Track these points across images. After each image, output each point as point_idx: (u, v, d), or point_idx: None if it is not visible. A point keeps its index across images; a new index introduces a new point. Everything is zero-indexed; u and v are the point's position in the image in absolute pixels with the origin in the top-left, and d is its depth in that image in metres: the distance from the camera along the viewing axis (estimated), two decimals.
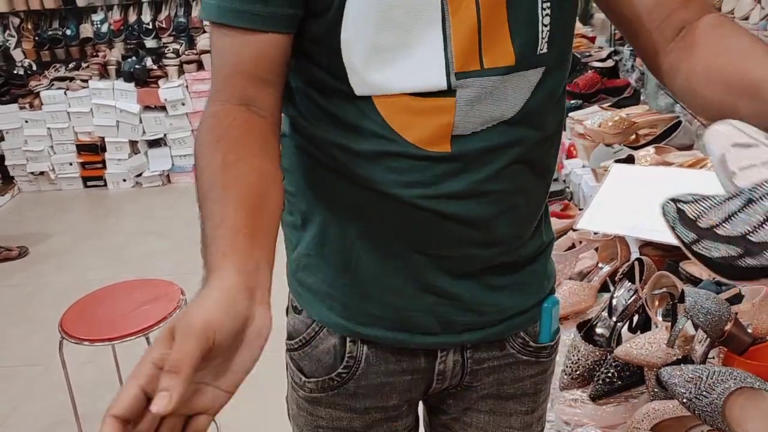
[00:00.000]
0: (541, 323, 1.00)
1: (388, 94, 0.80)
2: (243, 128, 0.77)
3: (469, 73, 0.80)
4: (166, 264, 3.60)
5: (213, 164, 0.73)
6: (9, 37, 4.74)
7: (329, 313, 0.94)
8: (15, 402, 2.66)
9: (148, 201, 4.46)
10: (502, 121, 0.82)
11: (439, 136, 0.81)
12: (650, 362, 1.23)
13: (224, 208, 0.69)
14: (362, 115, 0.81)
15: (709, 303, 1.16)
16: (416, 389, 1.00)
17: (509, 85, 0.81)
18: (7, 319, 3.25)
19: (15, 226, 4.20)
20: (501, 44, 0.79)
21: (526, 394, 1.05)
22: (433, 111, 0.80)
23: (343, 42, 0.78)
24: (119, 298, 2.18)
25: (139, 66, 4.45)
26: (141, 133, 4.54)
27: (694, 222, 0.61)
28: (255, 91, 0.79)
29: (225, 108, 0.78)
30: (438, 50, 0.78)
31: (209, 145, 0.76)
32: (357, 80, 0.80)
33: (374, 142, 0.82)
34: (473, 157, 0.82)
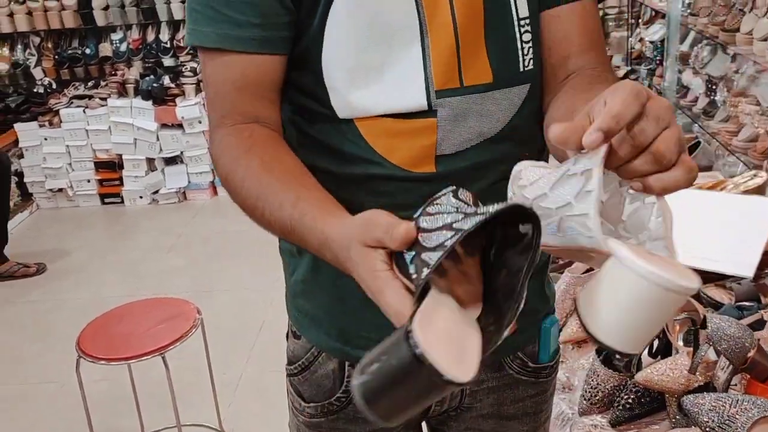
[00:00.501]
0: (540, 343, 1.00)
1: (369, 116, 0.81)
2: (263, 137, 0.79)
3: (449, 91, 0.81)
4: (182, 281, 3.61)
5: (253, 169, 0.75)
6: (30, 55, 4.81)
7: (326, 338, 0.95)
8: (32, 419, 2.67)
9: (164, 218, 4.49)
10: (486, 138, 0.83)
11: (424, 157, 0.83)
12: (671, 389, 1.22)
13: (291, 191, 0.71)
14: (346, 139, 0.83)
15: (732, 329, 1.15)
16: None
17: (490, 102, 0.82)
18: (25, 335, 3.27)
19: (33, 243, 4.23)
20: (479, 62, 0.81)
21: (526, 414, 1.05)
22: (416, 132, 0.82)
23: (324, 62, 0.80)
24: (135, 317, 2.19)
25: (157, 84, 4.50)
26: (158, 150, 4.58)
27: None
28: (262, 110, 0.81)
29: (238, 128, 0.79)
30: (418, 70, 0.79)
31: (240, 159, 0.77)
32: (339, 102, 0.81)
33: (360, 166, 0.83)
34: (459, 176, 0.82)
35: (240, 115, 0.80)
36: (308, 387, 0.98)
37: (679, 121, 2.98)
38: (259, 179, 0.74)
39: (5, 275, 3.74)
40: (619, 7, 4.47)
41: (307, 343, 0.97)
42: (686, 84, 2.98)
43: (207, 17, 0.79)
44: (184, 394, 2.43)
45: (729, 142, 2.46)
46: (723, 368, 1.14)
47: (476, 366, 0.54)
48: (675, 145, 0.56)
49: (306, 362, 0.97)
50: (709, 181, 1.94)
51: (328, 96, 0.81)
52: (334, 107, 0.82)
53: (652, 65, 3.44)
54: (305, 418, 1.00)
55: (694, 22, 2.74)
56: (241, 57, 0.79)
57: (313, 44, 0.80)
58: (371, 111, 0.81)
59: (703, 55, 2.82)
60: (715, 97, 2.69)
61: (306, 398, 0.99)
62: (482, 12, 0.80)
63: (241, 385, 2.74)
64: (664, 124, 0.56)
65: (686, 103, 2.95)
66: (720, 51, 2.70)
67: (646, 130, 0.55)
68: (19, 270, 3.77)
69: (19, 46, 4.81)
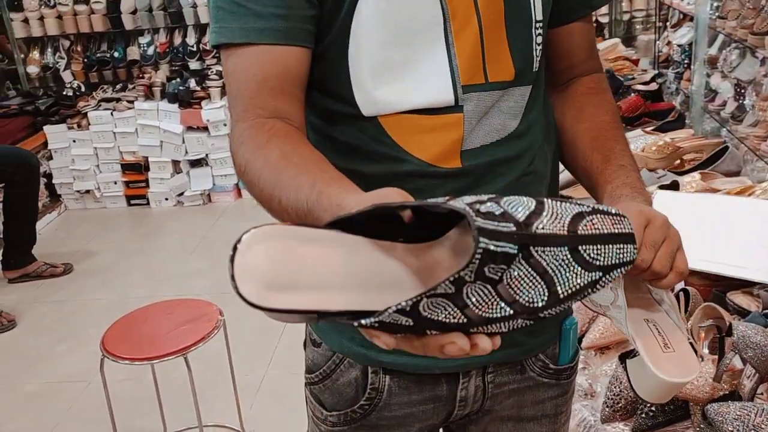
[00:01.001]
0: (561, 345, 1.00)
1: (395, 113, 0.82)
2: (284, 131, 0.78)
3: (475, 87, 0.83)
4: (206, 282, 3.64)
5: (272, 160, 0.74)
6: (59, 59, 4.88)
7: (350, 344, 0.94)
8: (58, 418, 2.70)
9: (189, 220, 4.53)
10: (508, 134, 0.86)
11: (450, 152, 0.84)
12: (696, 397, 1.19)
13: (309, 175, 0.70)
14: (371, 138, 0.84)
15: (758, 337, 1.13)
16: (437, 416, 1.00)
17: (509, 99, 0.85)
18: (52, 335, 3.31)
19: (61, 243, 4.29)
20: (502, 59, 0.84)
21: (546, 416, 1.04)
22: (443, 127, 0.83)
23: (350, 59, 0.80)
24: (159, 318, 2.21)
25: (183, 87, 4.54)
26: (183, 153, 4.62)
27: None
28: (283, 105, 0.80)
29: (258, 121, 0.79)
30: (444, 65, 0.81)
31: (259, 151, 0.76)
32: (364, 99, 0.82)
33: (385, 164, 0.84)
34: (484, 170, 0.85)
35: (261, 109, 0.79)
36: (330, 395, 0.97)
37: (707, 126, 2.94)
38: (276, 168, 0.73)
39: (33, 275, 3.80)
40: (647, 10, 4.43)
41: (328, 351, 0.96)
42: (714, 88, 2.93)
43: (231, 13, 0.79)
44: (206, 395, 2.44)
45: (757, 146, 2.42)
46: (749, 377, 1.12)
47: None
48: (668, 261, 0.73)
49: (327, 370, 0.97)
50: (737, 186, 1.91)
51: (353, 94, 0.82)
52: (359, 104, 0.82)
53: (680, 69, 3.40)
54: (327, 427, 0.99)
55: (722, 25, 2.70)
56: (264, 49, 0.79)
57: (339, 41, 0.80)
58: (397, 107, 0.82)
59: (731, 58, 2.77)
60: (743, 101, 2.65)
61: (328, 407, 0.98)
62: (503, 10, 0.83)
63: (263, 387, 2.75)
64: (658, 246, 0.72)
65: (714, 108, 2.91)
66: (749, 54, 2.66)
67: (646, 259, 0.72)
68: (46, 270, 3.82)
69: (49, 49, 4.89)
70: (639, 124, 2.76)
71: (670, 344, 0.79)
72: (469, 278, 0.52)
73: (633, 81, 3.13)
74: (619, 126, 0.93)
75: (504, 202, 0.56)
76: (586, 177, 0.90)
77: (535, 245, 0.54)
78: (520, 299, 0.55)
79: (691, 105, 3.05)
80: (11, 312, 3.46)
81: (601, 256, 0.57)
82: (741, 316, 1.40)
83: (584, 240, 0.56)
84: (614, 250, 0.57)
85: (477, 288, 0.53)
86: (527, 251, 0.54)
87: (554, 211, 0.56)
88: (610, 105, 0.95)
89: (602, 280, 0.58)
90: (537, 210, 0.56)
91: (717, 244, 1.57)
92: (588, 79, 0.96)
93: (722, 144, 2.28)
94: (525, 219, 0.55)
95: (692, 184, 1.96)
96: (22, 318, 3.46)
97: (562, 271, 0.56)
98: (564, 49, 0.95)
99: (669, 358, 0.78)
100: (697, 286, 1.51)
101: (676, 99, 3.30)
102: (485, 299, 0.54)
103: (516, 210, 0.55)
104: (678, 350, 0.79)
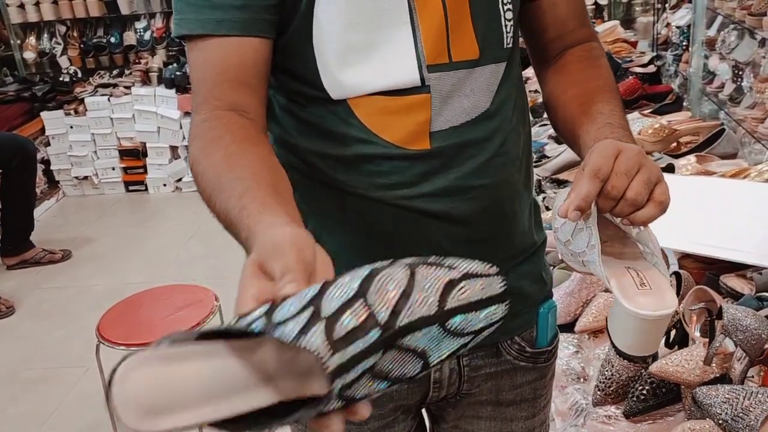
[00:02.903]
0: (538, 328, 1.00)
1: (362, 95, 0.82)
2: (236, 126, 0.78)
3: (440, 66, 0.83)
4: (203, 268, 3.64)
5: (215, 159, 0.73)
6: (55, 44, 4.86)
7: None
8: (56, 403, 2.72)
9: (187, 205, 4.52)
10: (478, 114, 0.85)
11: (418, 133, 0.84)
12: (686, 380, 1.20)
13: (242, 182, 0.69)
14: (341, 120, 0.83)
15: (748, 320, 1.12)
16: (412, 397, 1.00)
17: (477, 78, 0.85)
18: (51, 320, 3.32)
19: (59, 230, 4.29)
20: (466, 38, 0.83)
21: (525, 400, 1.04)
22: (410, 109, 0.83)
23: (315, 44, 0.80)
24: (155, 303, 2.21)
25: (180, 73, 4.52)
26: (181, 138, 4.60)
27: None
28: (241, 97, 0.80)
29: (214, 114, 0.79)
30: (409, 46, 0.81)
31: (207, 147, 0.76)
32: (330, 82, 0.82)
33: (355, 146, 0.84)
34: (453, 152, 0.85)
35: (218, 101, 0.79)
36: None
37: (705, 108, 2.93)
38: (217, 170, 0.72)
39: (31, 261, 3.80)
40: None
41: None
42: (712, 70, 2.91)
43: (189, 5, 0.79)
44: None
45: (755, 129, 2.41)
46: (739, 359, 1.12)
47: None
48: (643, 188, 0.71)
49: None
50: (732, 169, 1.90)
51: (320, 78, 0.82)
52: (327, 88, 0.82)
53: (679, 51, 3.37)
54: None
55: (721, 5, 2.68)
56: (222, 41, 0.79)
57: (302, 27, 0.80)
58: (363, 89, 0.82)
59: (730, 40, 2.75)
60: (741, 83, 2.63)
61: None
62: None
63: None
64: (632, 174, 0.71)
65: (712, 90, 2.89)
66: (747, 36, 2.64)
67: (617, 185, 0.71)
68: (45, 256, 3.83)
69: (46, 35, 4.87)
70: (636, 107, 2.74)
71: (646, 282, 0.75)
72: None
73: (631, 63, 3.11)
74: (612, 89, 0.89)
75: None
76: (577, 144, 0.87)
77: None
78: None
79: (689, 87, 3.03)
80: (10, 298, 3.47)
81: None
82: (734, 299, 1.40)
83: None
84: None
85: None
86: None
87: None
88: (602, 69, 0.92)
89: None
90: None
91: (711, 227, 1.56)
92: (579, 48, 0.94)
93: (719, 126, 2.27)
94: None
95: (688, 166, 1.96)
96: (21, 304, 3.47)
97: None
98: (549, 20, 0.93)
99: (644, 294, 0.74)
100: (690, 269, 1.50)
101: (675, 81, 3.28)
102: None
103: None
104: (654, 287, 0.75)
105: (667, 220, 1.77)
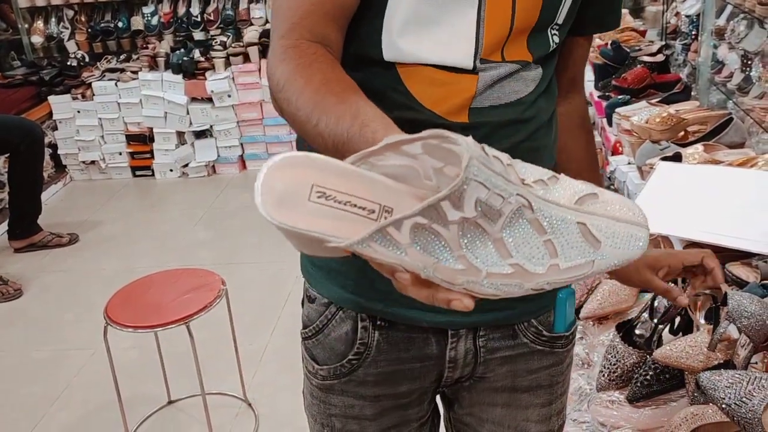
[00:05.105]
0: (556, 313, 1.00)
1: (413, 63, 0.85)
2: (329, 58, 0.79)
3: (492, 61, 0.87)
4: (210, 253, 3.66)
5: (312, 81, 0.75)
6: (63, 29, 4.86)
7: (341, 291, 0.96)
8: (65, 384, 2.74)
9: (193, 191, 4.54)
10: (518, 98, 0.90)
11: (459, 107, 0.87)
12: (690, 366, 1.20)
13: (352, 105, 0.71)
14: (387, 83, 0.86)
15: (753, 306, 1.13)
16: (427, 377, 1.01)
17: (522, 74, 0.90)
18: (58, 303, 3.35)
19: (66, 214, 4.32)
20: (520, 49, 0.89)
21: (541, 387, 1.05)
22: (456, 85, 0.86)
23: (389, 5, 0.83)
24: (162, 287, 2.23)
25: (187, 58, 4.52)
26: (188, 124, 4.62)
27: None
28: (330, 31, 0.81)
29: (303, 43, 0.79)
30: (470, 32, 0.84)
31: (301, 69, 0.76)
32: (388, 43, 0.85)
33: (398, 110, 0.84)
34: (489, 129, 0.88)
35: (309, 32, 0.80)
36: (321, 350, 1.00)
37: (713, 98, 2.92)
38: (318, 91, 0.73)
39: (39, 245, 3.83)
40: None
41: (321, 307, 0.99)
42: (721, 59, 2.90)
43: None
44: (211, 364, 2.47)
45: (763, 118, 2.40)
46: (743, 346, 1.13)
47: None
48: None
49: (320, 324, 0.99)
50: (739, 157, 1.90)
51: (381, 35, 0.84)
52: (383, 49, 0.85)
53: (687, 40, 3.35)
54: (318, 380, 1.01)
55: None
56: None
57: None
58: (416, 58, 0.85)
59: (739, 29, 2.73)
60: (750, 72, 2.62)
61: (319, 361, 1.00)
62: (539, 12, 0.86)
63: (266, 355, 2.78)
64: None
65: (721, 79, 2.87)
66: (756, 25, 2.62)
67: None
68: (52, 240, 3.85)
69: (53, 19, 4.87)
70: (645, 96, 2.74)
71: None
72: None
73: (639, 52, 3.10)
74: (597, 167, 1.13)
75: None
76: None
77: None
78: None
79: (698, 77, 3.02)
80: (17, 281, 3.50)
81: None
82: (739, 287, 1.40)
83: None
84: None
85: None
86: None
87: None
88: (593, 145, 1.12)
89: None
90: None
91: (716, 215, 1.57)
92: (582, 109, 1.10)
93: (727, 116, 2.27)
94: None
95: (695, 155, 1.96)
96: (29, 287, 3.50)
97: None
98: (568, 60, 1.02)
99: None
100: None
101: (684, 71, 3.27)
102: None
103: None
104: None
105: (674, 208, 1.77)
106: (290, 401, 2.08)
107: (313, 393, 1.04)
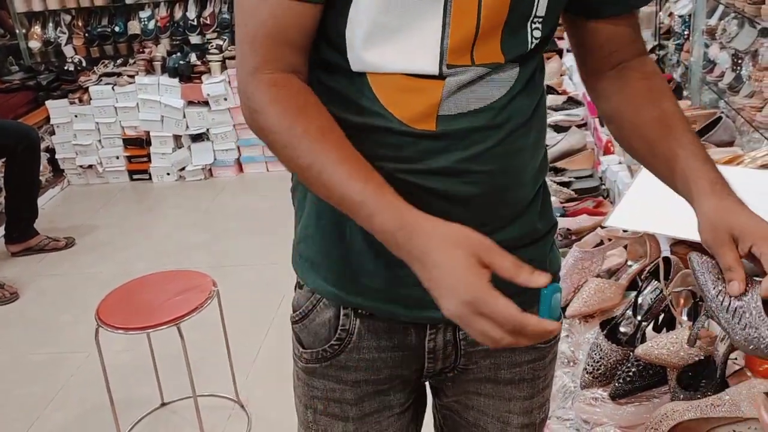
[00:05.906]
0: (539, 309, 1.00)
1: (381, 72, 0.85)
2: (309, 94, 0.85)
3: (460, 66, 0.85)
4: (206, 256, 3.67)
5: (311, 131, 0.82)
6: (60, 33, 4.88)
7: (323, 283, 0.98)
8: (60, 386, 2.75)
9: (190, 194, 4.55)
10: (486, 104, 0.87)
11: (425, 115, 0.86)
12: (670, 362, 1.21)
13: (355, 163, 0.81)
14: (357, 90, 0.87)
15: None
16: (407, 366, 1.02)
17: (494, 76, 0.87)
18: (55, 306, 3.36)
19: (64, 218, 4.33)
20: (491, 46, 0.86)
21: (523, 380, 1.06)
22: (422, 90, 0.85)
23: (350, 19, 0.83)
24: (153, 289, 2.24)
25: (184, 62, 4.54)
26: (184, 127, 4.63)
27: None
28: (298, 60, 0.85)
29: (280, 77, 0.84)
30: (435, 38, 0.83)
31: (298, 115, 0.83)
32: (354, 57, 0.85)
33: (366, 117, 0.87)
34: (458, 136, 0.87)
35: (283, 63, 0.84)
36: (307, 334, 1.02)
37: (705, 97, 2.92)
38: (319, 141, 0.81)
39: (35, 249, 3.84)
40: None
41: (308, 292, 1.01)
42: (713, 59, 2.91)
43: None
44: (204, 366, 2.48)
45: (753, 117, 2.40)
46: (722, 340, 1.13)
47: None
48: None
49: (306, 310, 1.01)
50: (726, 155, 1.90)
51: (346, 50, 0.86)
52: (349, 60, 0.86)
53: (680, 40, 3.36)
54: (303, 363, 1.04)
55: None
56: (284, 2, 0.82)
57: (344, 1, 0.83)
58: (382, 68, 0.85)
59: (730, 28, 2.74)
60: (740, 71, 2.63)
61: (304, 345, 1.03)
62: (507, 9, 0.84)
63: (260, 357, 2.79)
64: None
65: (712, 79, 2.88)
66: (747, 25, 2.63)
67: None
68: (49, 244, 3.86)
69: (51, 24, 4.89)
70: None
71: None
72: None
73: None
74: (682, 113, 0.97)
75: None
76: (665, 167, 0.95)
77: None
78: None
79: (690, 76, 3.02)
80: (14, 285, 3.51)
81: None
82: None
83: None
84: None
85: None
86: None
87: None
88: (667, 91, 0.99)
89: None
90: None
91: None
92: (637, 61, 0.99)
93: (716, 115, 2.27)
94: None
95: None
96: (25, 290, 3.51)
97: None
98: (607, 36, 0.97)
99: None
100: (681, 255, 1.51)
101: (677, 71, 3.27)
102: None
103: None
104: None
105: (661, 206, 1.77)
106: (283, 402, 2.09)
107: (299, 375, 1.06)
